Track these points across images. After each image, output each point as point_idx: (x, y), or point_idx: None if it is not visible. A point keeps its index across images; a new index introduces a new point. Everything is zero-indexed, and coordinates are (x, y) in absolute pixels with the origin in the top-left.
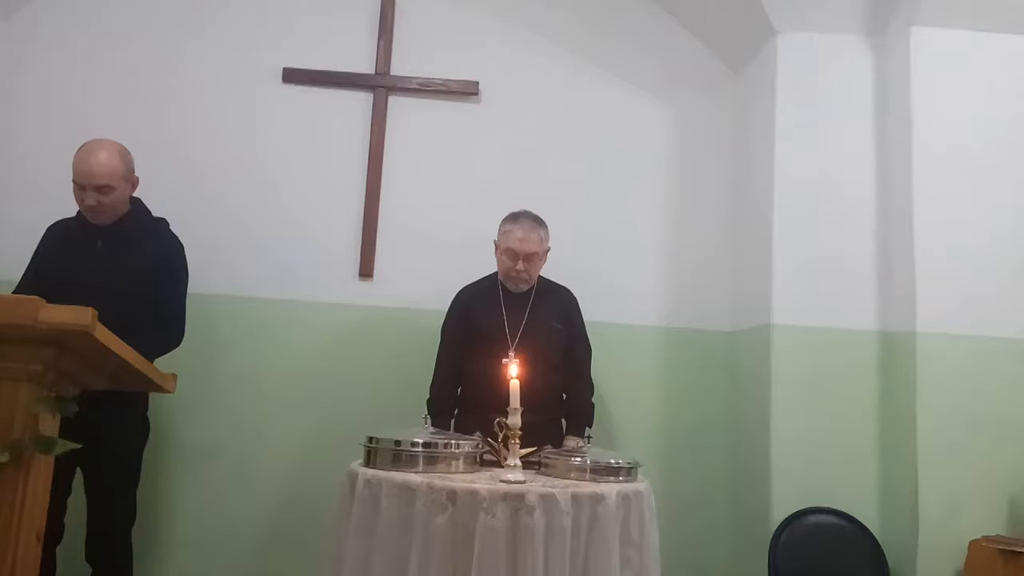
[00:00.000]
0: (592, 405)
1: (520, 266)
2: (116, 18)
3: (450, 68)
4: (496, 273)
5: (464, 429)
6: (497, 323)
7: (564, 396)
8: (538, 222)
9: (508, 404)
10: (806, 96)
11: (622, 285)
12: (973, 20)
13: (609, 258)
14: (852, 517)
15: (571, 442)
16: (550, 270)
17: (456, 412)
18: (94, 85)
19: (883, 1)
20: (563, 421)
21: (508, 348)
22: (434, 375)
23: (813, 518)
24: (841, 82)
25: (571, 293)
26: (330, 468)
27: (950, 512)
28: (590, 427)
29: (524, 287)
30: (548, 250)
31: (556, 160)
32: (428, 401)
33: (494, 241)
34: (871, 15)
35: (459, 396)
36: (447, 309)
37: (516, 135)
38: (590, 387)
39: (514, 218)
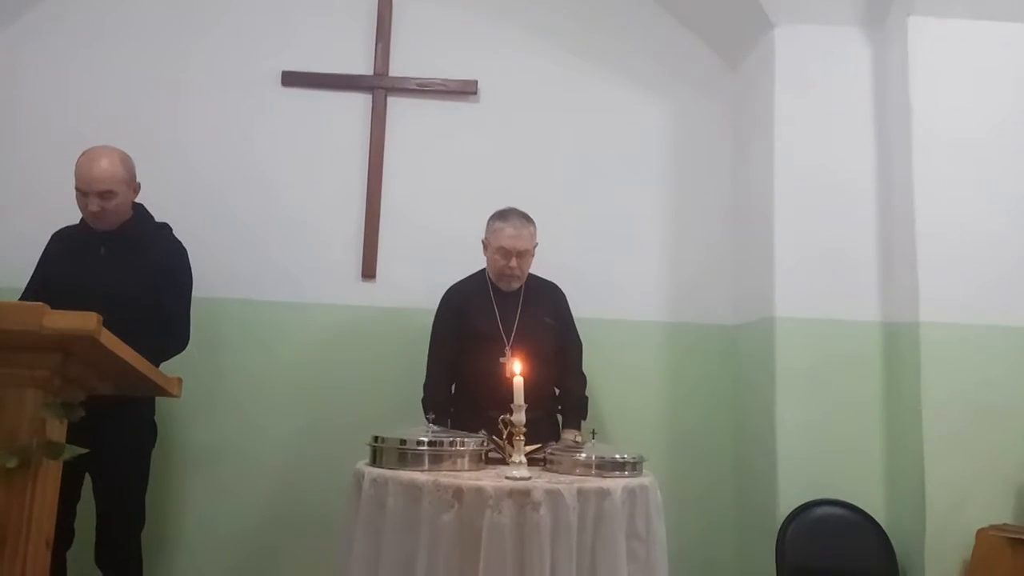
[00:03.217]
0: (586, 398)
1: (513, 263)
2: (115, 25)
3: (448, 68)
4: (484, 271)
5: (461, 427)
6: (491, 322)
7: (556, 391)
8: (527, 219)
9: (507, 402)
10: (805, 88)
11: (623, 281)
12: (971, 8)
13: (610, 254)
14: (859, 508)
15: (569, 435)
16: (552, 267)
17: (452, 411)
18: (93, 91)
19: None
20: (558, 416)
21: (504, 346)
22: (427, 374)
23: (820, 510)
24: (840, 74)
25: (559, 288)
26: (337, 469)
27: (957, 501)
28: (584, 420)
29: (516, 284)
30: (536, 245)
31: (555, 157)
32: (423, 400)
33: (482, 240)
34: (868, 6)
35: (454, 395)
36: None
37: (515, 133)
38: (583, 381)
39: (503, 216)
